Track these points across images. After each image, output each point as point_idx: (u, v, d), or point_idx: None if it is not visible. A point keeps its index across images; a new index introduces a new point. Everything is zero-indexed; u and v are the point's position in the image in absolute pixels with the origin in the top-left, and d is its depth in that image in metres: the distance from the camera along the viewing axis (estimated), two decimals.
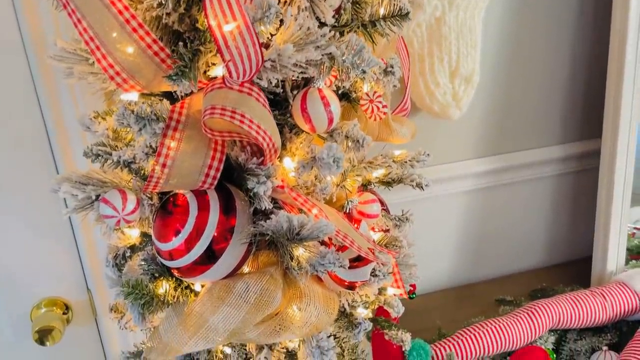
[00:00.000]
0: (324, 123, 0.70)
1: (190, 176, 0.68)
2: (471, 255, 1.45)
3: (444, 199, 1.36)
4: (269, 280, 0.74)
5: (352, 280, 0.78)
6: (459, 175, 1.33)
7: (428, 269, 1.40)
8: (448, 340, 1.13)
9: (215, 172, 0.68)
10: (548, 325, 1.15)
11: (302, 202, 0.70)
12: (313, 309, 0.77)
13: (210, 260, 0.70)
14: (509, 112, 1.34)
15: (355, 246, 0.71)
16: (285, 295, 0.77)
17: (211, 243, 0.69)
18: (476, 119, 1.30)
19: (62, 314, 1.15)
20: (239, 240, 0.71)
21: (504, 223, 1.45)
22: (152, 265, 0.76)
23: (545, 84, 1.33)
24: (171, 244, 0.70)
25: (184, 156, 0.66)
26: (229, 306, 0.71)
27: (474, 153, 1.34)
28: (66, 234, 1.10)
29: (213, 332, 0.71)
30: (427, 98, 1.15)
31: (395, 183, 0.89)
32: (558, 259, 1.51)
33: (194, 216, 0.69)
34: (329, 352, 0.75)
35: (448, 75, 1.15)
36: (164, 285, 0.76)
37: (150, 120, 0.65)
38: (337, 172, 0.66)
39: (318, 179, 0.74)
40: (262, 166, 0.69)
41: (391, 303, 0.84)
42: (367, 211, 0.81)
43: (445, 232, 1.41)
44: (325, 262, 0.70)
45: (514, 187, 1.40)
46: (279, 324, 0.75)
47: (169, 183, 0.68)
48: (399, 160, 0.87)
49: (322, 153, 0.65)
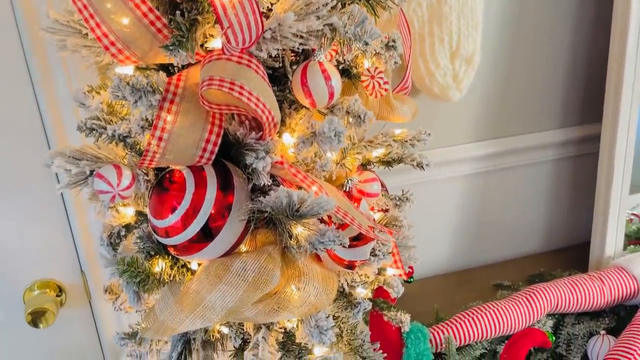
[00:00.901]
0: (324, 97, 0.68)
1: (187, 150, 0.66)
2: (469, 240, 1.45)
3: (442, 183, 1.34)
4: (267, 258, 0.73)
5: (352, 259, 0.77)
6: (457, 159, 1.32)
7: (426, 253, 1.31)
8: (446, 324, 1.12)
9: (212, 147, 0.66)
10: (546, 309, 1.15)
11: (301, 179, 0.69)
12: (312, 288, 0.76)
13: (207, 238, 0.69)
14: (509, 95, 1.32)
15: (355, 223, 0.69)
16: (283, 274, 0.76)
17: (208, 220, 0.68)
18: (476, 101, 1.29)
19: (56, 296, 1.14)
20: (237, 218, 0.70)
21: (503, 208, 1.44)
22: (147, 243, 0.74)
23: (547, 67, 1.32)
24: (167, 221, 0.68)
25: (180, 130, 0.65)
26: (227, 284, 0.70)
27: (473, 136, 1.33)
28: (60, 216, 1.08)
29: (210, 310, 0.69)
30: (427, 79, 1.14)
31: (395, 163, 0.87)
32: (556, 244, 1.51)
33: (191, 193, 0.68)
34: (327, 332, 0.74)
35: (448, 56, 1.13)
36: (160, 263, 0.75)
37: (146, 92, 0.63)
38: (337, 146, 0.64)
39: (318, 155, 0.72)
40: (261, 141, 0.67)
41: (391, 283, 0.83)
42: (367, 190, 0.80)
43: (444, 216, 1.40)
44: (325, 239, 0.69)
45: (513, 172, 1.39)
46: (277, 303, 0.74)
47: (165, 158, 0.67)
48: (399, 139, 0.86)
49: (323, 127, 0.63)
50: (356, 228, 0.70)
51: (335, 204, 0.65)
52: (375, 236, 0.70)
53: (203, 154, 0.67)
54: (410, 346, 1.05)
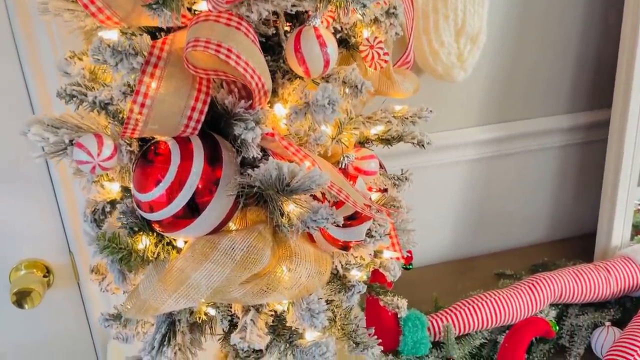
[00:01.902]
0: (319, 65, 0.64)
1: (171, 118, 0.62)
2: (472, 227, 1.41)
3: (445, 167, 1.31)
4: (257, 237, 0.69)
5: (347, 239, 0.73)
6: (461, 143, 1.28)
7: (427, 240, 1.34)
8: (445, 312, 1.09)
9: (198, 115, 0.63)
10: (549, 299, 1.12)
11: (293, 152, 0.65)
12: (303, 269, 0.72)
13: (194, 214, 0.65)
14: (516, 77, 1.28)
15: (350, 201, 0.65)
16: (274, 254, 0.72)
17: (194, 195, 0.64)
18: (481, 82, 1.25)
19: (43, 276, 1.11)
20: (225, 193, 0.66)
21: (507, 195, 1.40)
22: (131, 219, 0.71)
23: (556, 47, 1.27)
24: (151, 195, 0.65)
25: (164, 96, 0.61)
26: (213, 263, 0.67)
27: (477, 120, 1.29)
28: (47, 193, 1.05)
29: (195, 289, 0.66)
30: (430, 58, 1.10)
31: (395, 141, 0.83)
32: (561, 233, 1.47)
33: (176, 165, 0.64)
34: (319, 315, 0.70)
35: (453, 34, 1.09)
36: (144, 240, 0.71)
37: (127, 55, 0.59)
38: (332, 116, 0.60)
39: (312, 128, 0.68)
40: (251, 110, 0.63)
41: (387, 266, 0.79)
42: (364, 167, 0.76)
43: (446, 202, 1.37)
44: (318, 217, 0.65)
45: (518, 157, 1.35)
46: (267, 284, 0.71)
47: (148, 127, 0.63)
48: (399, 116, 0.82)
49: (316, 95, 0.59)
50: (351, 205, 0.66)
51: (328, 178, 0.61)
52: (372, 215, 0.66)
53: (188, 123, 0.63)
54: (408, 334, 1.02)
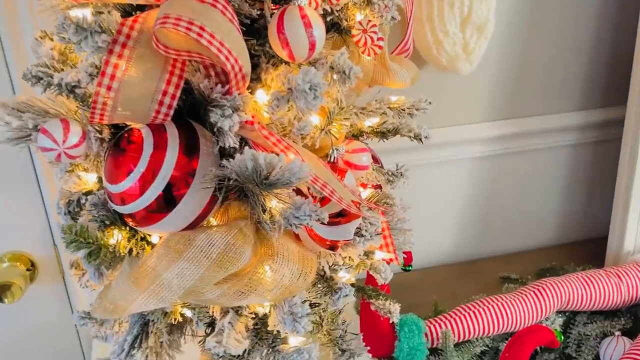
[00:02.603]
0: (304, 48, 0.60)
1: (140, 103, 0.58)
2: (476, 228, 1.38)
3: (448, 165, 1.27)
4: (236, 234, 0.66)
5: (333, 238, 0.69)
6: (465, 139, 1.24)
7: (428, 241, 1.33)
8: (445, 317, 1.04)
9: (170, 100, 0.58)
10: (556, 306, 1.06)
11: (274, 142, 0.60)
12: (286, 270, 0.68)
13: (167, 207, 0.62)
14: (525, 71, 1.23)
15: (335, 197, 0.61)
16: (256, 252, 0.68)
17: (168, 187, 0.61)
18: (488, 76, 1.20)
19: (26, 270, 1.07)
20: (201, 185, 0.61)
21: (514, 195, 1.36)
22: (102, 212, 0.67)
23: (569, 41, 1.22)
24: (122, 186, 0.62)
25: (133, 78, 0.57)
26: (187, 261, 0.63)
27: (484, 116, 1.24)
28: (31, 185, 1.01)
29: (166, 289, 0.62)
30: (434, 48, 1.04)
31: (390, 134, 0.79)
32: (571, 236, 1.43)
33: (148, 154, 0.61)
34: (302, 319, 0.66)
35: (459, 24, 1.03)
36: (116, 235, 0.66)
37: (92, 32, 0.54)
38: (314, 103, 0.55)
39: (297, 117, 0.63)
40: (228, 96, 0.58)
41: (378, 268, 0.74)
42: (355, 161, 0.71)
43: (449, 202, 1.33)
44: (300, 214, 0.61)
45: (526, 156, 1.31)
46: (246, 284, 0.66)
47: (117, 112, 0.59)
48: (395, 107, 0.77)
49: (296, 79, 0.54)
50: (336, 202, 0.60)
51: (309, 171, 0.56)
52: (358, 212, 0.61)
53: (160, 109, 0.59)
54: (403, 339, 0.97)
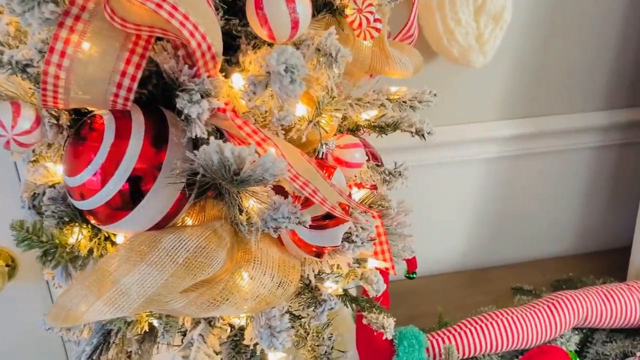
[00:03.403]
0: (285, 27, 0.54)
1: (96, 85, 0.52)
2: (488, 234, 1.34)
3: (459, 166, 1.22)
4: (209, 237, 0.60)
5: (319, 244, 0.62)
6: (479, 138, 1.19)
7: (435, 247, 1.30)
8: (449, 331, 0.98)
9: (130, 82, 0.52)
10: (572, 322, 1.01)
11: (248, 133, 0.53)
12: (264, 278, 0.62)
13: (131, 204, 0.57)
14: (545, 65, 1.17)
15: (317, 197, 0.53)
16: (232, 257, 0.61)
17: (131, 181, 0.56)
18: (504, 70, 1.15)
19: (5, 265, 1.00)
20: (167, 180, 0.54)
21: (530, 199, 1.32)
22: (61, 207, 0.60)
23: (593, 34, 1.17)
24: (80, 178, 0.56)
25: (87, 56, 0.51)
26: (150, 265, 0.57)
27: (498, 113, 1.19)
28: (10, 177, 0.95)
29: (123, 297, 0.56)
30: (444, 39, 0.99)
31: (389, 129, 0.73)
32: (591, 246, 1.39)
33: (108, 144, 0.56)
34: (281, 334, 0.59)
35: (472, 12, 0.98)
36: (76, 233, 0.60)
37: (40, 2, 0.47)
38: (292, 88, 0.48)
39: (278, 106, 0.56)
40: (196, 79, 0.51)
41: (370, 278, 0.67)
42: (346, 158, 0.64)
43: (460, 205, 1.29)
44: (278, 216, 0.54)
45: (544, 158, 1.26)
46: (219, 293, 0.59)
47: (72, 96, 0.53)
48: (395, 98, 0.70)
49: (269, 59, 0.46)
50: (317, 203, 0.53)
51: (285, 167, 0.48)
52: (344, 215, 0.54)
53: (118, 92, 0.52)
54: (402, 354, 0.92)
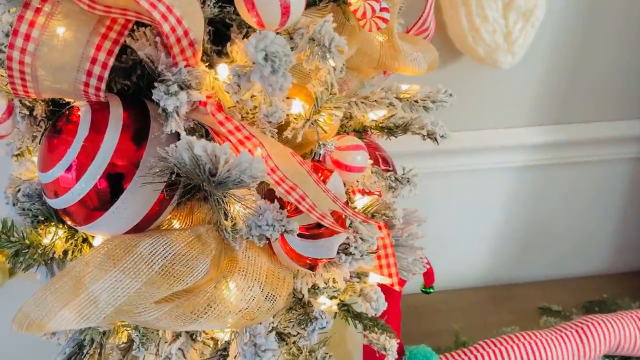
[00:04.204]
0: (274, 12, 0.49)
1: (64, 73, 0.49)
2: (515, 248, 1.29)
3: (485, 174, 1.19)
4: (191, 243, 0.56)
5: (312, 255, 0.57)
6: (506, 145, 1.16)
7: (458, 259, 1.25)
8: (464, 352, 0.94)
9: (101, 71, 0.48)
10: (603, 349, 0.95)
11: (230, 130, 0.48)
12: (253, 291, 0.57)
13: (105, 204, 0.53)
14: (580, 68, 1.13)
15: (305, 204, 0.48)
16: (217, 266, 0.56)
17: (106, 179, 0.52)
18: (534, 72, 1.11)
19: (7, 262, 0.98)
20: (144, 179, 0.50)
21: (560, 212, 1.27)
22: (37, 205, 0.57)
23: (633, 36, 1.11)
24: (52, 174, 0.53)
25: (54, 40, 0.47)
26: (122, 272, 0.54)
27: (528, 119, 1.15)
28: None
29: (91, 305, 0.52)
30: (469, 37, 0.96)
31: (399, 130, 0.68)
32: (626, 265, 1.33)
33: (82, 138, 0.52)
34: (266, 353, 0.55)
35: (501, 7, 0.94)
36: (51, 233, 0.56)
37: None
38: (275, 79, 0.43)
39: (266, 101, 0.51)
40: (173, 68, 0.46)
41: (368, 295, 0.61)
42: (346, 161, 0.58)
43: (485, 216, 1.25)
44: (262, 223, 0.49)
45: (577, 168, 1.22)
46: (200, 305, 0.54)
47: (41, 84, 0.49)
48: (406, 97, 0.64)
49: (248, 45, 0.41)
50: (304, 210, 0.47)
51: (263, 168, 0.43)
52: (333, 226, 0.48)
53: (88, 81, 0.49)
54: None
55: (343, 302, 0.65)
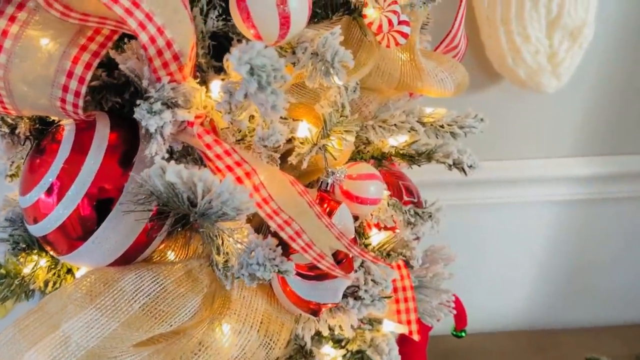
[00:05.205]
0: (272, 25, 0.44)
1: (39, 87, 0.44)
2: (558, 290, 1.23)
3: (526, 207, 1.13)
4: (180, 279, 0.52)
5: (314, 299, 0.52)
6: (549, 177, 1.10)
7: (494, 300, 1.19)
8: None
9: (78, 86, 0.44)
10: None
11: (218, 154, 0.42)
12: (246, 336, 0.52)
13: (85, 232, 0.49)
14: (631, 95, 1.07)
15: (299, 242, 0.42)
16: (209, 306, 0.51)
17: (86, 204, 0.49)
18: (581, 97, 1.06)
19: None
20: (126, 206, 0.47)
21: (610, 252, 1.21)
22: (19, 231, 0.53)
23: None
24: (29, 198, 0.50)
25: (28, 51, 0.42)
26: (99, 309, 0.51)
27: (573, 148, 1.10)
28: None
29: (61, 347, 0.49)
30: (509, 57, 0.91)
31: (422, 158, 0.61)
32: None
33: (62, 159, 0.49)
34: None
35: (544, 26, 0.88)
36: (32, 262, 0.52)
37: None
38: (263, 97, 0.38)
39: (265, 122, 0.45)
40: (157, 83, 0.41)
41: (380, 346, 0.54)
42: (358, 192, 0.53)
43: (525, 253, 1.18)
44: (253, 261, 0.43)
45: (627, 204, 1.15)
46: (185, 351, 0.49)
47: (17, 100, 0.45)
48: (429, 122, 0.57)
49: (231, 57, 0.36)
50: (298, 249, 0.41)
51: (247, 199, 0.38)
52: (331, 268, 0.42)
53: (65, 96, 0.45)
54: None
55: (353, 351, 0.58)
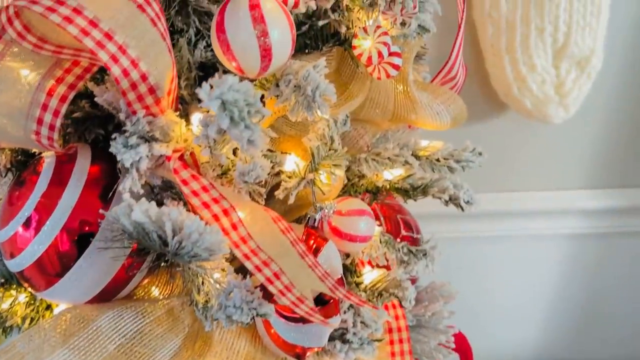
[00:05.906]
0: (252, 57, 0.43)
1: (15, 120, 0.43)
2: (570, 327, 1.20)
3: (534, 241, 1.11)
4: (159, 318, 0.51)
5: (297, 343, 0.49)
6: (558, 210, 1.08)
7: (503, 337, 1.17)
8: None
9: (52, 118, 0.44)
10: None
11: (193, 191, 0.40)
12: None
13: (61, 269, 0.48)
14: None
15: (277, 284, 0.40)
16: (190, 346, 0.49)
17: (63, 239, 0.47)
18: (590, 128, 1.05)
19: None
20: (102, 243, 0.45)
21: (623, 288, 1.18)
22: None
23: None
24: (5, 232, 0.49)
25: (6, 83, 0.43)
26: (72, 350, 0.50)
27: (582, 181, 1.08)
28: None
29: None
30: (514, 87, 0.90)
31: (417, 193, 0.59)
32: None
33: (40, 192, 0.48)
34: None
35: (551, 55, 0.87)
36: (11, 298, 0.51)
37: None
38: (236, 133, 0.36)
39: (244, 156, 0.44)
40: (133, 117, 0.40)
41: None
42: (347, 228, 0.51)
43: (534, 288, 1.16)
44: (230, 304, 0.41)
45: None
46: None
47: None
48: (424, 155, 0.55)
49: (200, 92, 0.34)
50: (275, 293, 0.39)
51: (220, 240, 0.36)
52: (309, 313, 0.39)
53: (39, 129, 0.43)
54: None
55: None
